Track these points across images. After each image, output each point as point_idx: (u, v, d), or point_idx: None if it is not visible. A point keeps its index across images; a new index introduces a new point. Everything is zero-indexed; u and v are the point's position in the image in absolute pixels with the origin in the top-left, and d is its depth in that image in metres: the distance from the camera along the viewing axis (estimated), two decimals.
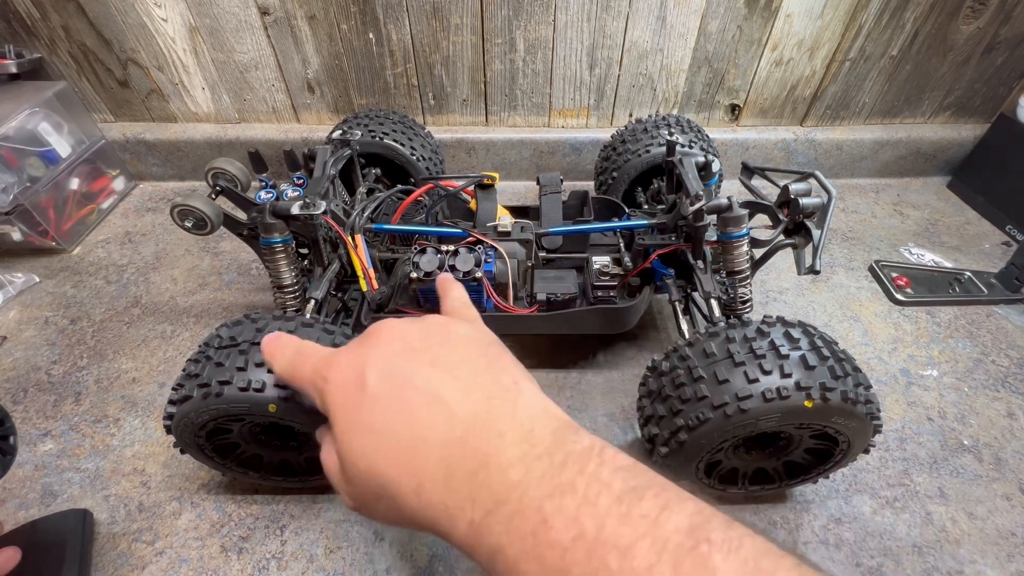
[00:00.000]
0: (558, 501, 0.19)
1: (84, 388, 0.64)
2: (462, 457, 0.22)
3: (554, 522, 0.19)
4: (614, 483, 0.20)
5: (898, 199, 1.03)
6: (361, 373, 0.26)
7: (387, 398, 0.25)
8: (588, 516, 0.19)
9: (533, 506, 0.20)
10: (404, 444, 0.24)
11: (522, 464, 0.21)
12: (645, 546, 0.18)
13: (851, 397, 0.40)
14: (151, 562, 0.50)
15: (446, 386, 0.25)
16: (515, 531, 0.20)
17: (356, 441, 0.25)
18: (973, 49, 0.93)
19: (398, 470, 0.24)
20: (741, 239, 0.55)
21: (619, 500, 0.19)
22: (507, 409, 0.24)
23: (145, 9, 0.83)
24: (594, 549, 0.18)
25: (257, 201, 0.57)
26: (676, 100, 0.97)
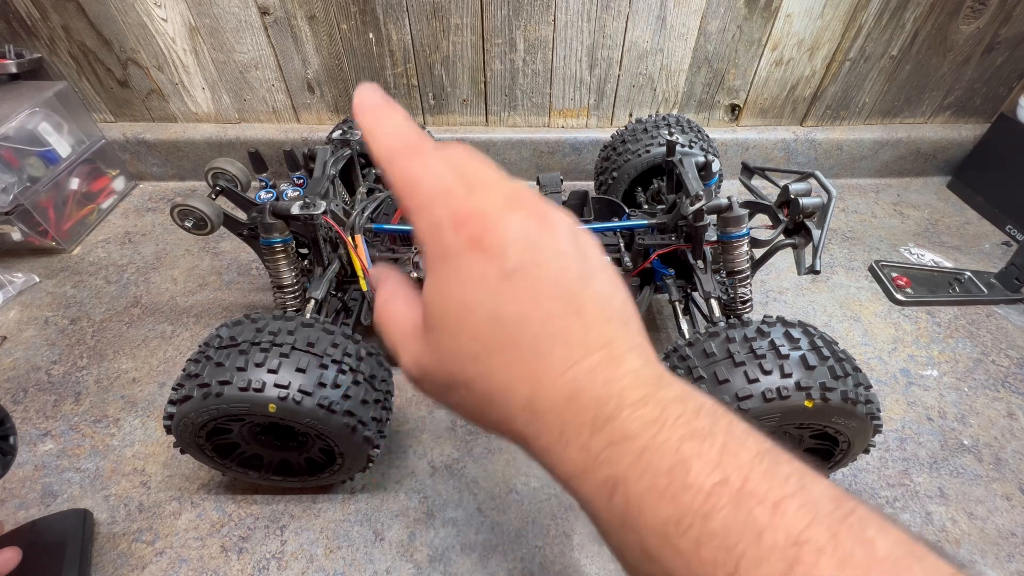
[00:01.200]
0: (697, 445, 0.18)
1: (84, 388, 0.64)
2: (590, 383, 0.20)
3: (693, 465, 0.18)
4: (749, 440, 0.19)
5: (898, 199, 1.03)
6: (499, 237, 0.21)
7: (522, 284, 0.21)
8: (731, 465, 0.17)
9: (670, 446, 0.18)
10: (528, 350, 0.20)
11: (657, 403, 0.19)
12: (795, 506, 0.17)
13: (851, 397, 0.40)
14: (151, 562, 0.50)
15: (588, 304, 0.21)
16: (646, 467, 0.18)
17: (468, 304, 0.21)
18: (973, 49, 0.93)
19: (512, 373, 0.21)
20: (741, 239, 0.55)
21: (759, 457, 0.18)
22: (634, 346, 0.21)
23: (145, 9, 0.83)
24: (739, 499, 0.17)
25: (257, 201, 0.57)
26: (676, 100, 0.97)
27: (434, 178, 0.22)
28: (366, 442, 0.46)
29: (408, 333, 0.23)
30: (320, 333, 0.45)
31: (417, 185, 0.22)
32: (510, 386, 0.21)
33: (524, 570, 0.50)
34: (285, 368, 0.42)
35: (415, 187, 0.22)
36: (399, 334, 0.24)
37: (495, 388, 0.21)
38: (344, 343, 0.46)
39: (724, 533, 0.16)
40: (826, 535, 0.16)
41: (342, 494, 0.55)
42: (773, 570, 0.15)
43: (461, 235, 0.21)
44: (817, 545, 0.15)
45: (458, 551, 0.51)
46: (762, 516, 0.16)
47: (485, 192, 0.22)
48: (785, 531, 0.16)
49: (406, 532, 0.52)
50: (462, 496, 0.55)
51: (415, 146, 0.22)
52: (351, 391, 0.44)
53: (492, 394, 0.21)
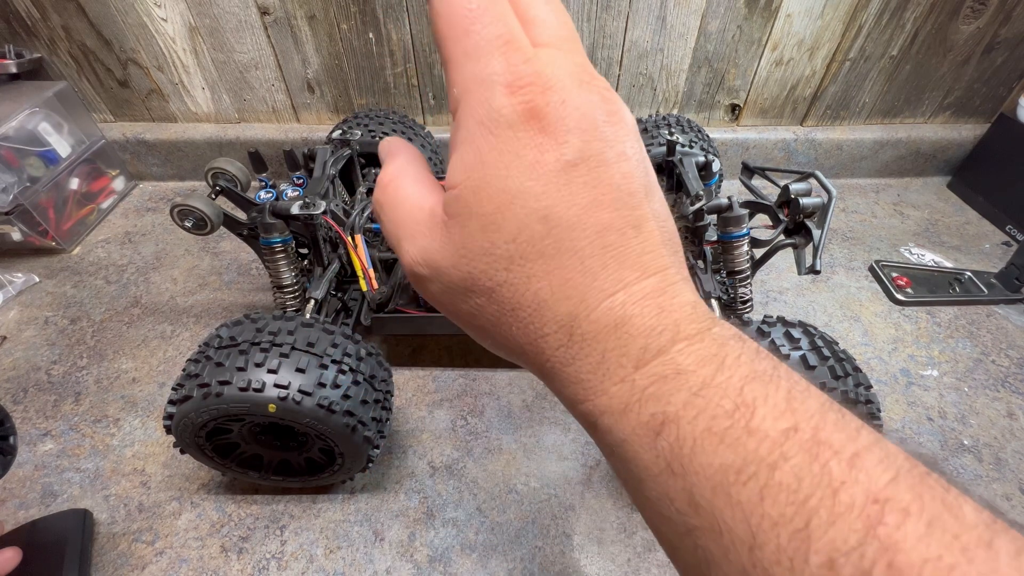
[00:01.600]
0: (762, 388, 0.16)
1: (84, 388, 0.64)
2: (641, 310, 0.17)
3: (759, 409, 0.15)
4: (812, 389, 0.16)
5: (898, 199, 1.03)
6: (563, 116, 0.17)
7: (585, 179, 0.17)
8: (801, 412, 0.15)
9: (732, 385, 0.16)
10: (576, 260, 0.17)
11: (714, 340, 0.17)
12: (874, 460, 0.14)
13: (851, 397, 0.40)
14: (151, 562, 0.50)
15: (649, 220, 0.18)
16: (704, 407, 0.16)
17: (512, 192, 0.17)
18: (973, 49, 0.93)
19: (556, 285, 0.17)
20: (741, 239, 0.55)
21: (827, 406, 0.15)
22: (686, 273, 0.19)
23: (145, 9, 0.83)
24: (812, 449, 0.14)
25: (257, 201, 0.57)
26: (676, 100, 0.97)
27: (496, 20, 0.17)
28: (366, 442, 0.46)
29: (420, 219, 0.19)
30: (320, 333, 0.45)
31: (472, 24, 0.17)
32: (546, 300, 0.17)
33: (524, 570, 0.50)
34: (285, 368, 0.42)
35: (469, 26, 0.17)
36: (408, 219, 0.20)
37: (527, 300, 0.17)
38: (344, 343, 0.46)
39: (795, 486, 0.14)
40: (910, 495, 0.13)
41: (342, 494, 0.55)
42: (850, 530, 0.13)
43: (517, 101, 0.17)
44: (901, 505, 0.13)
45: (458, 551, 0.51)
46: (838, 469, 0.14)
47: (555, 54, 0.18)
48: (864, 487, 0.14)
49: (406, 532, 0.52)
50: (462, 496, 0.55)
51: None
52: (351, 391, 0.44)
53: (522, 306, 0.18)
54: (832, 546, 0.13)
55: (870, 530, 0.13)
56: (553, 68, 0.17)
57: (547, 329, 0.17)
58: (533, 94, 0.17)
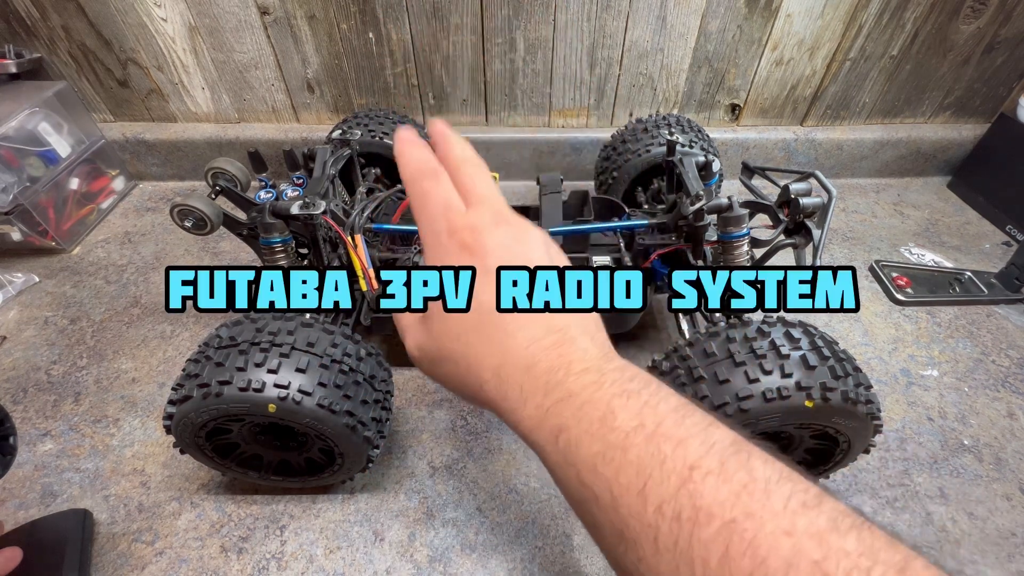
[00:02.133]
0: (624, 400, 0.23)
1: (84, 388, 0.64)
2: (546, 356, 0.25)
3: (619, 414, 0.22)
4: (671, 399, 0.23)
5: (898, 199, 1.03)
6: (485, 252, 0.27)
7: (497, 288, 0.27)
8: (649, 415, 0.22)
9: (603, 400, 0.23)
10: (506, 333, 0.26)
11: (597, 371, 0.24)
12: (696, 442, 0.21)
13: (852, 397, 0.40)
14: (151, 562, 0.50)
15: None
16: (583, 416, 0.23)
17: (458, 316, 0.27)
18: (973, 49, 0.93)
19: (488, 349, 0.26)
20: (741, 239, 0.55)
21: (675, 410, 0.23)
22: (586, 328, 0.27)
23: (145, 9, 0.83)
24: (652, 438, 0.21)
25: (257, 201, 0.57)
26: (676, 100, 0.97)
27: (440, 195, 0.28)
28: (366, 442, 0.46)
29: (413, 322, 0.30)
30: (320, 333, 0.45)
31: (427, 200, 0.29)
32: (484, 358, 0.26)
33: (524, 570, 0.50)
34: (285, 368, 0.42)
35: (425, 201, 0.29)
36: (407, 323, 0.30)
37: (472, 360, 0.26)
38: (344, 343, 0.46)
39: (637, 462, 0.21)
40: (716, 462, 0.20)
41: (342, 494, 0.55)
42: (670, 486, 0.20)
43: (454, 241, 0.27)
44: (707, 468, 0.20)
45: (458, 551, 0.51)
46: (667, 449, 0.21)
47: (478, 209, 0.28)
48: (683, 459, 0.20)
49: (406, 532, 0.52)
50: (462, 496, 0.55)
51: (432, 171, 0.29)
52: (351, 391, 0.44)
53: (470, 364, 0.27)
54: (660, 498, 0.20)
55: (682, 485, 0.20)
56: (476, 218, 0.28)
57: (487, 376, 0.26)
58: (464, 235, 0.27)
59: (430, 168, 0.29)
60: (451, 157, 0.30)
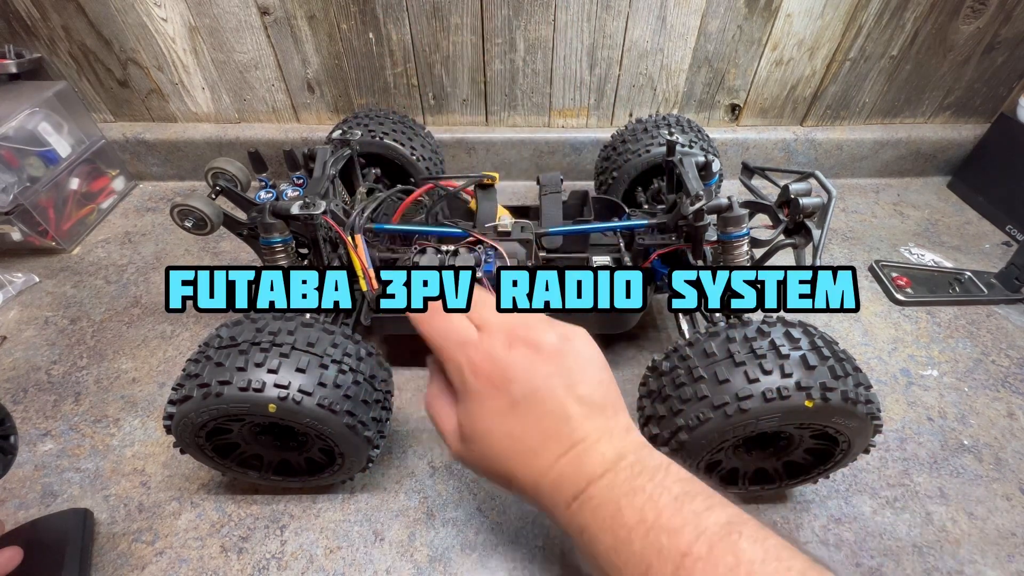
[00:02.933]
0: (630, 499, 0.27)
1: (84, 388, 0.64)
2: (571, 467, 0.30)
3: (625, 511, 0.27)
4: (673, 488, 0.27)
5: (898, 199, 1.03)
6: (507, 382, 0.31)
7: (528, 415, 0.31)
8: (650, 508, 0.26)
9: (612, 500, 0.28)
10: (533, 452, 0.31)
11: (612, 474, 0.29)
12: (689, 531, 0.25)
13: (851, 397, 0.40)
14: (151, 562, 0.50)
15: (574, 412, 0.31)
16: (599, 516, 0.28)
17: (494, 439, 0.32)
18: (973, 49, 0.93)
19: (523, 468, 0.31)
20: (741, 239, 0.55)
21: (675, 499, 0.26)
22: (607, 433, 0.31)
23: (145, 9, 0.83)
24: (651, 530, 0.25)
25: (257, 201, 0.57)
26: (676, 100, 0.97)
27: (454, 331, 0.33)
28: (366, 442, 0.46)
29: (450, 431, 0.34)
30: (320, 333, 0.45)
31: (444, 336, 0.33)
32: (520, 475, 0.31)
33: (524, 570, 0.50)
34: (285, 368, 0.42)
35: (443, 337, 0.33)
36: (444, 430, 0.34)
37: (512, 476, 0.31)
38: (344, 343, 0.46)
39: (640, 553, 0.25)
40: (705, 548, 0.24)
41: (342, 494, 0.55)
42: (666, 573, 0.24)
43: (480, 380, 0.31)
44: (697, 555, 0.24)
45: (458, 551, 0.51)
46: (663, 540, 0.25)
47: (491, 334, 0.32)
48: (677, 548, 0.24)
49: (406, 532, 0.52)
50: (462, 496, 0.55)
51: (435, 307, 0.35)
52: (351, 391, 0.44)
53: (511, 480, 0.32)
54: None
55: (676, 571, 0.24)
56: (492, 347, 0.32)
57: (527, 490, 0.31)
58: (486, 371, 0.31)
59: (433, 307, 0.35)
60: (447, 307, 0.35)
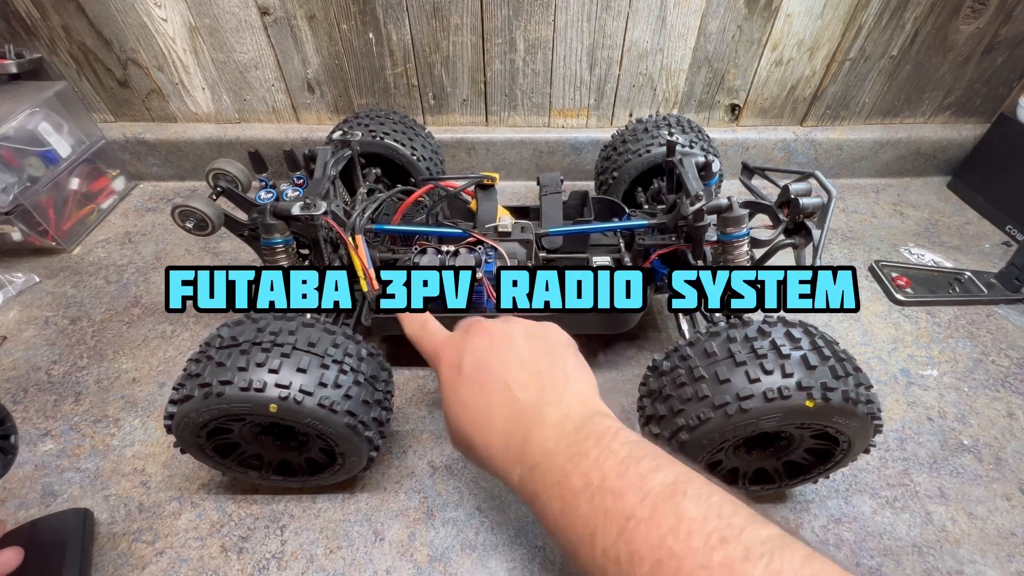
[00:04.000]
0: (576, 462, 0.28)
1: (84, 388, 0.64)
2: (515, 431, 0.32)
3: (571, 476, 0.27)
4: (620, 451, 0.27)
5: (898, 199, 1.03)
6: (460, 360, 0.36)
7: (472, 382, 0.35)
8: (595, 472, 0.27)
9: (558, 464, 0.28)
10: (481, 417, 0.34)
11: (555, 439, 0.30)
12: (633, 493, 0.25)
13: (852, 397, 0.40)
14: (151, 562, 0.50)
15: (513, 378, 0.34)
16: (546, 482, 0.29)
17: (452, 408, 0.36)
18: (973, 49, 0.94)
19: (476, 433, 0.34)
20: (741, 239, 0.55)
21: (621, 463, 0.27)
22: (552, 399, 0.33)
23: (145, 9, 0.83)
24: (597, 493, 0.26)
25: (258, 202, 0.57)
26: (676, 100, 0.97)
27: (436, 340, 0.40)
28: (367, 442, 0.46)
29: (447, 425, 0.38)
30: (321, 333, 0.45)
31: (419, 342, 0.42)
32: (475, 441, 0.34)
33: (524, 570, 0.50)
34: (286, 368, 0.42)
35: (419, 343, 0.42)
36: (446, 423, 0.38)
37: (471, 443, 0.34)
38: (345, 343, 0.46)
39: (585, 516, 0.26)
40: (648, 510, 0.24)
41: (342, 494, 0.55)
42: (611, 534, 0.25)
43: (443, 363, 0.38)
44: (640, 517, 0.24)
45: (458, 551, 0.51)
46: (608, 502, 0.25)
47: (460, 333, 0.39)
48: (620, 511, 0.25)
49: (406, 532, 0.52)
50: (462, 496, 0.55)
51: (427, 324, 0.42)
52: (352, 391, 0.44)
53: (472, 447, 0.35)
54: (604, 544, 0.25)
55: (619, 533, 0.24)
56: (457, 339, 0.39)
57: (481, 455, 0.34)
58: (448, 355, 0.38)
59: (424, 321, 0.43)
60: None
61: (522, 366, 0.35)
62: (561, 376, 0.35)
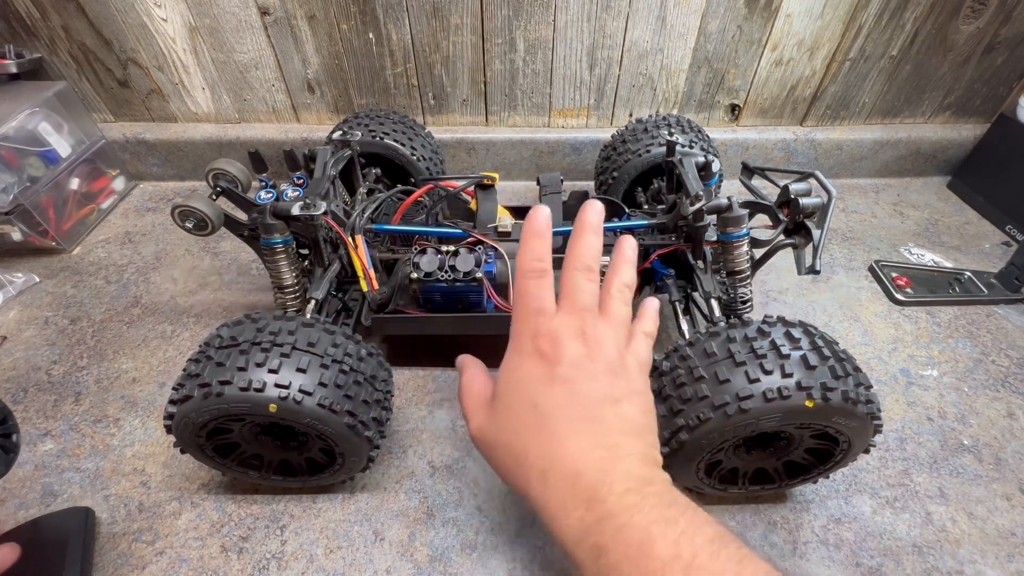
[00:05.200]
0: (663, 528, 0.24)
1: (84, 388, 0.64)
2: (593, 471, 0.27)
3: (657, 542, 0.24)
4: (707, 529, 0.25)
5: (898, 199, 1.03)
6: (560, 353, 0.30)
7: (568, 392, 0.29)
8: (686, 545, 0.24)
9: (642, 525, 0.25)
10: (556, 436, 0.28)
11: (638, 495, 0.26)
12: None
13: (852, 397, 0.40)
14: (151, 562, 0.50)
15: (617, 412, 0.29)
16: (622, 540, 0.25)
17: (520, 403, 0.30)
18: (973, 49, 0.94)
19: (539, 451, 0.28)
20: (741, 239, 0.55)
21: (711, 541, 0.24)
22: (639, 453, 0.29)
23: (145, 9, 0.83)
24: (688, 570, 0.23)
25: (258, 202, 0.57)
26: (676, 100, 0.97)
27: (537, 299, 0.31)
28: (367, 442, 0.47)
29: (480, 404, 0.33)
30: (321, 333, 0.45)
31: (526, 299, 0.31)
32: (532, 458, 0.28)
33: (524, 570, 0.50)
34: (286, 368, 0.42)
35: (525, 300, 0.31)
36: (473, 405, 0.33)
37: (522, 455, 0.29)
38: (345, 343, 0.46)
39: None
40: None
41: (342, 494, 0.55)
42: None
43: (534, 344, 0.30)
44: None
45: (458, 551, 0.51)
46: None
47: (565, 319, 0.31)
48: None
49: (406, 532, 0.52)
50: (462, 496, 0.55)
51: (541, 270, 0.32)
52: (352, 391, 0.44)
53: (519, 459, 0.29)
54: None
55: None
56: (560, 328, 0.30)
57: (532, 477, 0.28)
58: (543, 341, 0.30)
59: (539, 268, 0.32)
60: (573, 254, 0.32)
61: (621, 409, 0.29)
62: (650, 436, 0.31)
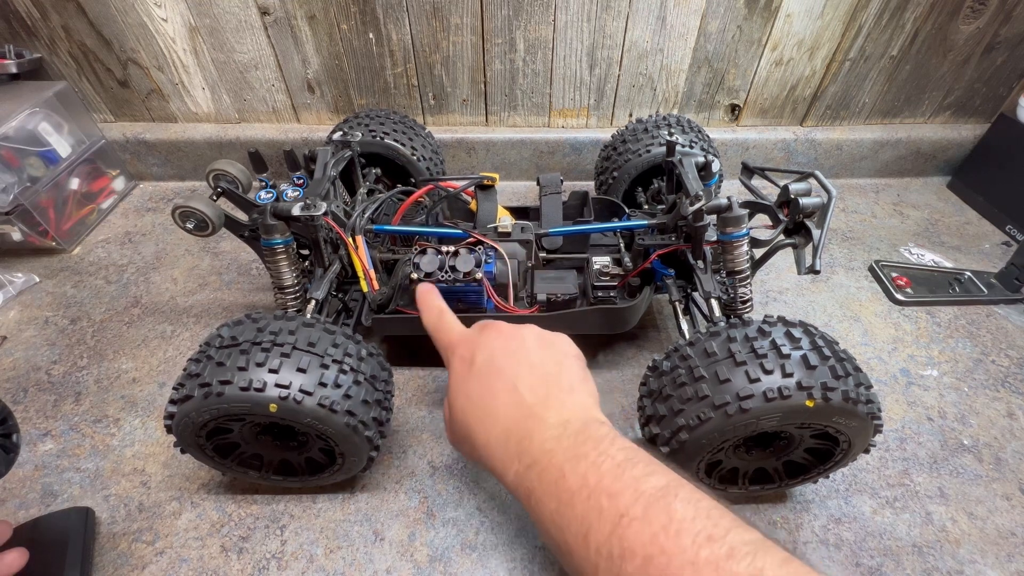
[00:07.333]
0: (573, 464, 0.29)
1: (84, 388, 0.64)
2: (517, 429, 0.33)
3: (569, 476, 0.29)
4: (616, 456, 0.29)
5: (898, 199, 1.03)
6: (473, 354, 0.38)
7: (483, 376, 0.37)
8: (592, 473, 0.28)
9: (556, 464, 0.30)
10: (486, 412, 0.35)
11: (554, 440, 0.31)
12: (628, 494, 0.27)
13: (852, 397, 0.40)
14: (151, 562, 0.50)
15: (522, 379, 0.36)
16: (543, 480, 0.30)
17: (458, 399, 0.37)
18: (973, 49, 0.94)
19: (479, 426, 0.35)
20: (741, 239, 0.55)
21: (618, 466, 0.28)
22: (555, 403, 0.34)
23: (145, 9, 0.83)
24: (593, 493, 0.27)
25: (258, 202, 0.57)
26: (676, 100, 0.97)
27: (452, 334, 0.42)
28: (367, 442, 0.46)
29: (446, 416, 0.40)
30: (321, 333, 0.45)
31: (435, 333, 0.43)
32: (476, 433, 0.35)
33: (524, 570, 0.50)
34: (286, 368, 0.42)
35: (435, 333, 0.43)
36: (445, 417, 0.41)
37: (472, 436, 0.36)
38: (345, 343, 0.46)
39: (581, 515, 0.27)
40: (641, 509, 0.26)
41: (342, 494, 0.55)
42: (605, 532, 0.26)
43: (456, 357, 0.40)
44: (633, 515, 0.26)
45: (458, 551, 0.51)
46: (603, 502, 0.27)
47: (476, 330, 0.41)
48: (615, 510, 0.26)
49: (406, 532, 0.52)
50: (462, 496, 0.55)
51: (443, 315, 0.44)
52: (352, 391, 0.44)
53: (473, 443, 0.36)
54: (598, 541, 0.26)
55: (613, 531, 0.26)
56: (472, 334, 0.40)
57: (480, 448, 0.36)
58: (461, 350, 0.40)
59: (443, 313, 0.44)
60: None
61: (531, 369, 0.36)
62: (567, 384, 0.36)
